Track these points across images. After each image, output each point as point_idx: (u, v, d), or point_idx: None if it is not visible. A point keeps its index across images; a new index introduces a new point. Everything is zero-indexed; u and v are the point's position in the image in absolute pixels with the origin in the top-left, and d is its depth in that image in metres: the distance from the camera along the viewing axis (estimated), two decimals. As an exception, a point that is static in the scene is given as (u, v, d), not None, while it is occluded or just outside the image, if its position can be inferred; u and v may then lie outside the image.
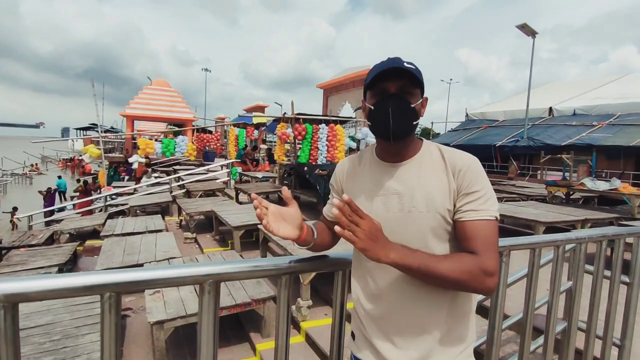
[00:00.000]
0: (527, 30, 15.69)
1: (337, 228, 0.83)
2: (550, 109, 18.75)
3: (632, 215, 6.46)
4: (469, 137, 20.26)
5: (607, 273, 1.95)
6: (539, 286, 1.58)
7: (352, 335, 1.13)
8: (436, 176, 0.99)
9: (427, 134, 31.79)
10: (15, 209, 11.31)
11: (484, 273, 0.88)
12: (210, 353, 0.94)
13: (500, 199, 8.10)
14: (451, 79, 35.91)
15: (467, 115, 23.80)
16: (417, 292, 0.98)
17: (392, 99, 0.96)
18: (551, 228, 5.12)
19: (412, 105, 0.97)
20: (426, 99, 1.03)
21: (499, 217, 0.97)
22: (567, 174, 8.12)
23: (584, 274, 1.86)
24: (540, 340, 1.79)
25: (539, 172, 13.77)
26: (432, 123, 29.74)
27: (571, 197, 8.05)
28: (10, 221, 9.84)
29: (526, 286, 1.56)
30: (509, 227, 6.46)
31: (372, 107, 0.99)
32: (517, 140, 17.03)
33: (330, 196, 1.20)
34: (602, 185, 6.97)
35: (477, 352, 1.64)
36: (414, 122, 0.98)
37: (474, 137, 20.06)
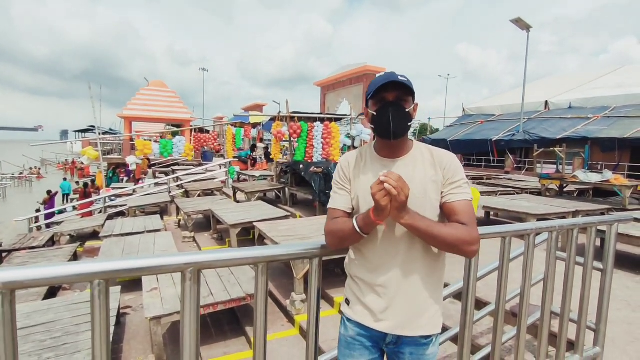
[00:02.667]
0: (521, 24, 15.74)
1: (387, 185, 1.04)
2: (546, 102, 18.83)
3: (624, 206, 6.55)
4: (465, 132, 20.34)
5: (582, 260, 2.04)
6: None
7: (347, 301, 1.33)
8: (427, 169, 1.24)
9: (425, 129, 31.82)
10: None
11: (472, 239, 1.14)
12: (193, 338, 1.03)
13: (494, 193, 8.18)
14: (449, 75, 35.96)
15: (464, 110, 23.88)
16: (415, 265, 1.22)
17: (391, 105, 1.18)
18: (542, 220, 5.21)
19: (407, 110, 1.20)
20: (417, 104, 1.26)
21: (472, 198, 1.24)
22: (560, 166, 8.21)
23: (562, 261, 1.96)
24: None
25: (537, 165, 13.86)
26: (429, 119, 29.79)
27: (565, 189, 8.14)
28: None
29: (498, 274, 1.65)
30: (501, 219, 6.55)
31: (375, 113, 1.21)
32: (513, 135, 17.12)
33: (334, 191, 1.35)
34: (594, 178, 7.06)
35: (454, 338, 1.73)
36: (409, 124, 1.22)
37: (470, 132, 20.15)
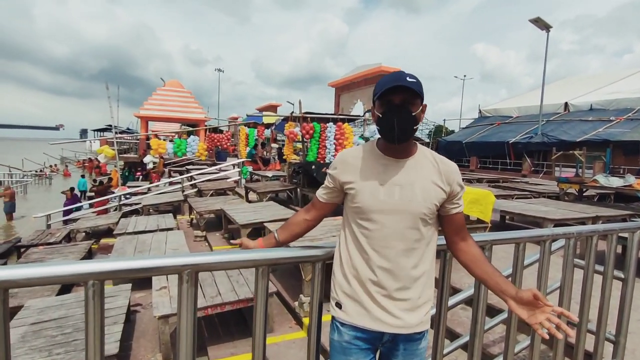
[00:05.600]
0: (540, 24, 15.40)
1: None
2: (566, 104, 18.38)
3: (647, 212, 6.30)
4: (481, 134, 20.01)
5: (601, 268, 1.94)
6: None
7: (338, 305, 1.29)
8: (431, 175, 1.23)
9: (440, 131, 31.46)
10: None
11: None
12: (190, 342, 1.00)
13: (510, 196, 8.00)
14: (465, 76, 35.43)
15: (480, 111, 23.51)
16: (411, 264, 1.23)
17: (396, 110, 1.16)
18: (560, 225, 5.05)
19: (413, 114, 1.17)
20: (425, 105, 1.24)
21: None
22: (579, 170, 7.97)
23: (580, 269, 1.87)
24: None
25: (555, 168, 13.51)
26: (444, 120, 29.45)
27: (585, 194, 7.90)
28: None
29: (510, 281, 1.57)
30: (517, 224, 6.39)
31: (380, 116, 1.19)
32: (531, 137, 16.75)
33: (326, 182, 1.36)
34: (615, 182, 6.82)
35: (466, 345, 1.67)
36: (415, 127, 1.19)
37: (487, 134, 19.82)
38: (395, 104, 1.15)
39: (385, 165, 1.24)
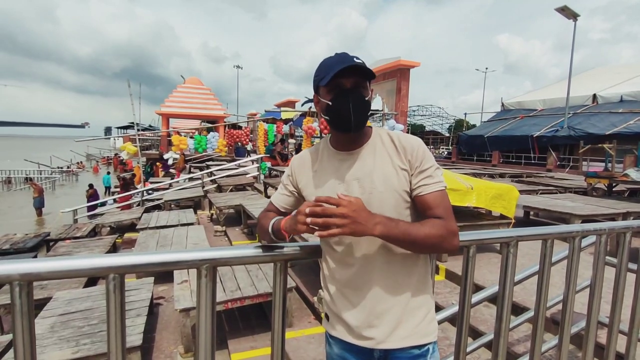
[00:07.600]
0: (567, 12, 14.84)
1: (317, 233, 0.93)
2: (594, 96, 17.69)
3: (682, 207, 6.00)
4: (504, 128, 19.51)
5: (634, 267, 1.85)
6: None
7: (326, 316, 1.22)
8: (390, 158, 1.09)
9: (461, 125, 30.84)
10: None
11: (451, 233, 1.02)
12: (209, 336, 1.00)
13: (535, 191, 7.78)
14: (487, 68, 34.50)
15: (502, 104, 22.90)
16: (391, 267, 1.09)
17: (350, 94, 1.03)
18: (588, 222, 4.87)
19: (367, 99, 1.06)
20: (372, 90, 1.12)
21: (447, 186, 1.10)
22: (609, 164, 7.67)
23: (610, 267, 1.79)
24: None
25: (582, 162, 13.00)
26: (465, 114, 28.87)
27: (615, 189, 7.60)
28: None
29: (537, 280, 1.52)
30: (542, 220, 6.20)
31: (330, 103, 1.05)
32: (556, 130, 16.22)
33: (280, 186, 1.26)
34: (648, 176, 6.53)
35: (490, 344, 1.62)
36: (369, 113, 1.09)
37: (510, 128, 19.31)
38: (348, 88, 1.03)
39: (339, 160, 1.13)
